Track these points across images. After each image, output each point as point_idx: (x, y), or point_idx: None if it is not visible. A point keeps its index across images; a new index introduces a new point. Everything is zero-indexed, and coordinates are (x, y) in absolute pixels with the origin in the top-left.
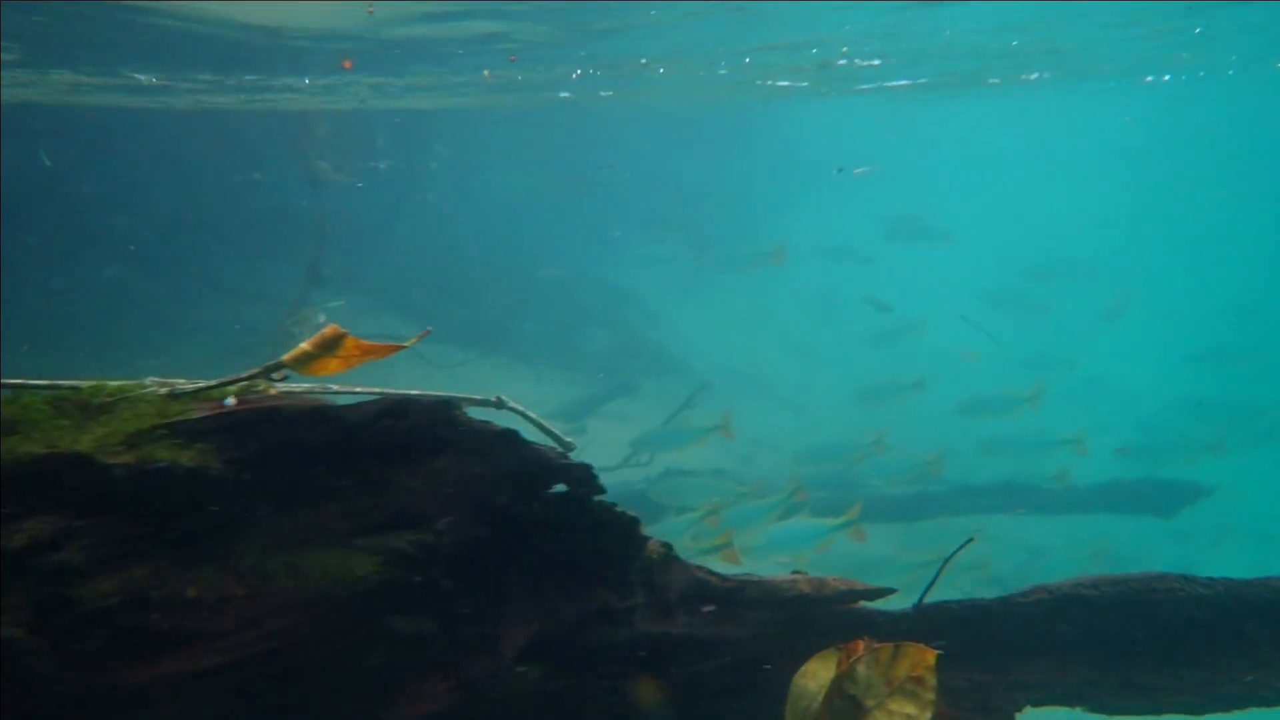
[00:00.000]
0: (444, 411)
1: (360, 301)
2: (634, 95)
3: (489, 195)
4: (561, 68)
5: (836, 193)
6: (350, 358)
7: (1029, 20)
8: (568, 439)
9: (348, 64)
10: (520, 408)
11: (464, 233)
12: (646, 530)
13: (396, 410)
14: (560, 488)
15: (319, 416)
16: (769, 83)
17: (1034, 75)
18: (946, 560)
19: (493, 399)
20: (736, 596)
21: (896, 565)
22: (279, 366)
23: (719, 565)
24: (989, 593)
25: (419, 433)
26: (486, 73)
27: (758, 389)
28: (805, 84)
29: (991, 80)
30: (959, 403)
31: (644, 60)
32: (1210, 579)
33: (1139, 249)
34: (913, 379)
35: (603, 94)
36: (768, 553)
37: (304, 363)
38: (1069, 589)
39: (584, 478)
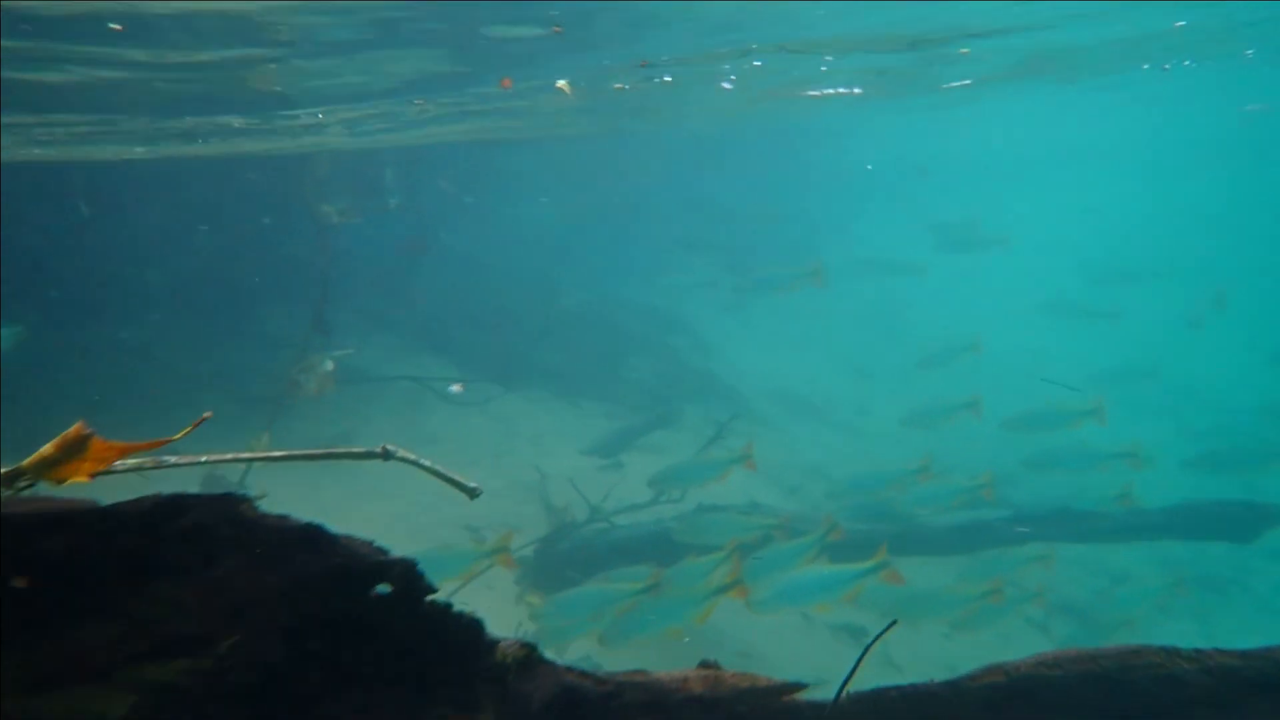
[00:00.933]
0: (228, 509)
1: (392, 340)
2: (667, 115)
3: (522, 226)
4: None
5: (886, 203)
6: (102, 459)
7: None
8: (472, 484)
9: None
10: (411, 456)
11: (498, 265)
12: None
13: (166, 510)
14: (384, 589)
15: (65, 522)
16: (824, 92)
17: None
18: (867, 648)
19: (378, 450)
20: (614, 703)
21: (949, 599)
22: (19, 474)
23: (729, 606)
24: (1064, 623)
25: (197, 536)
26: (563, 83)
27: (812, 413)
28: (858, 91)
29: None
30: (1009, 418)
31: (668, 79)
32: (1198, 651)
33: (1222, 248)
34: (966, 399)
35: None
36: (779, 606)
37: (47, 468)
38: (1029, 669)
39: (408, 576)
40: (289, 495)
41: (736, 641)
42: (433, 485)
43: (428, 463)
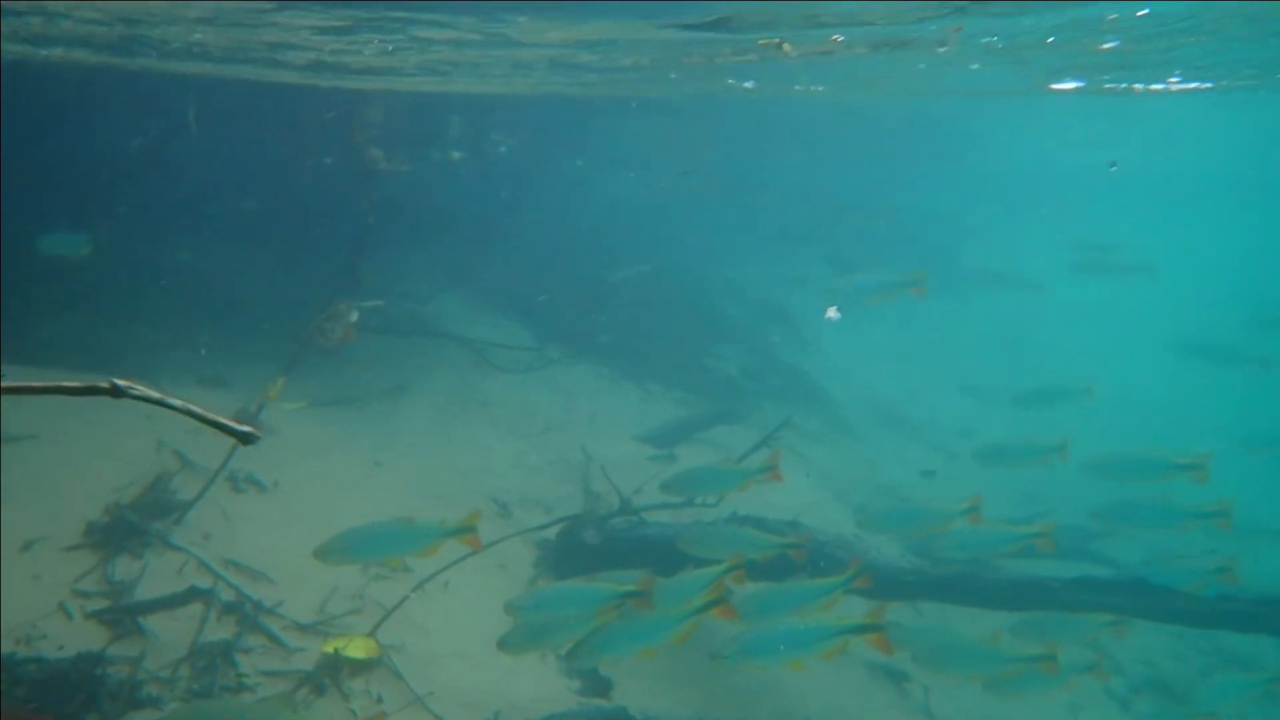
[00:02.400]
0: None
1: (474, 299)
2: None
3: (620, 194)
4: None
5: (1024, 211)
6: None
7: None
8: (245, 429)
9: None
10: (155, 394)
11: (590, 234)
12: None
13: None
14: None
15: None
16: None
17: None
18: None
19: (105, 385)
20: None
21: (992, 656)
22: None
23: (714, 625)
24: (1152, 701)
25: None
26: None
27: (906, 430)
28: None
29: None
30: (1092, 460)
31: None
32: None
33: None
34: (1054, 441)
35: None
36: (744, 661)
37: None
38: None
39: None
40: (318, 440)
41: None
42: (479, 450)
43: (179, 403)
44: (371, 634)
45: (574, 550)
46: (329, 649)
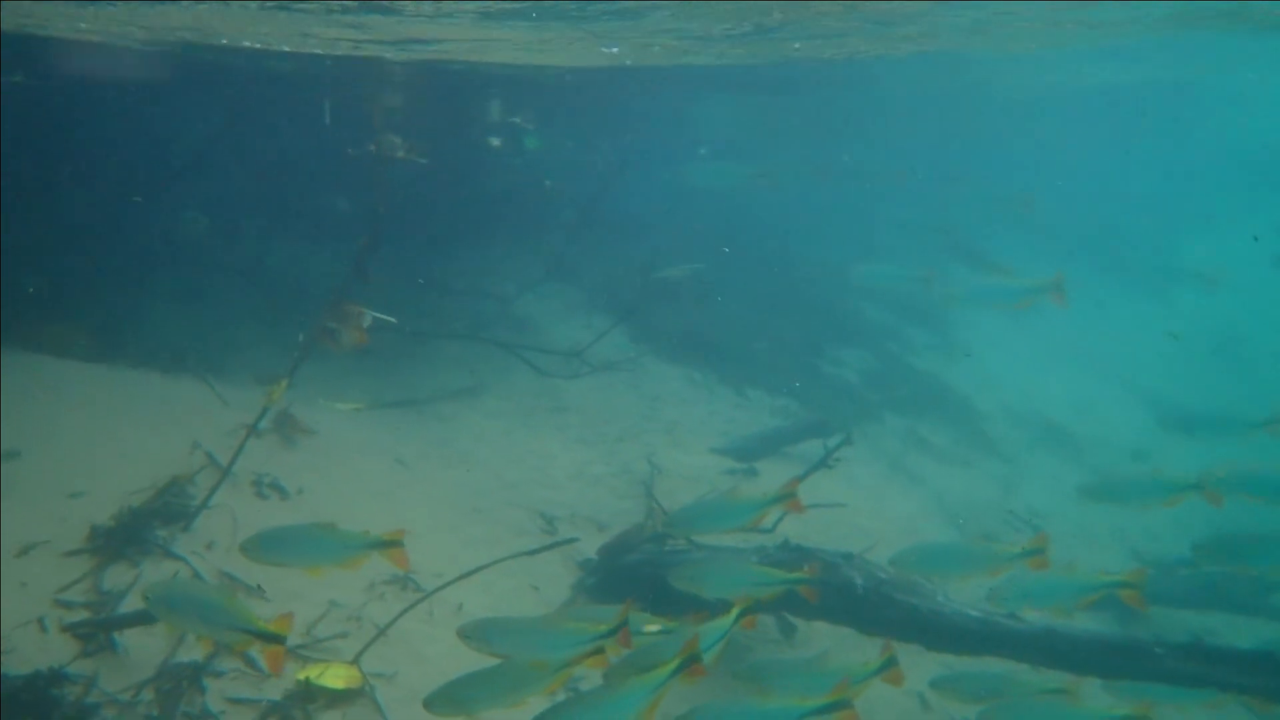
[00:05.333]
0: None
1: (573, 296)
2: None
3: (732, 180)
4: None
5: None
6: None
7: None
8: None
9: None
10: None
11: (700, 222)
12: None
13: None
14: None
15: None
16: None
17: None
18: None
19: None
20: None
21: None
22: None
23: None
24: None
25: None
26: None
27: (1064, 448)
28: None
29: None
30: (1206, 475)
31: None
32: None
33: None
34: (1195, 475)
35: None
36: None
37: None
38: None
39: None
40: (360, 445)
41: None
42: (538, 458)
43: None
44: (355, 660)
45: (616, 573)
46: (303, 676)
